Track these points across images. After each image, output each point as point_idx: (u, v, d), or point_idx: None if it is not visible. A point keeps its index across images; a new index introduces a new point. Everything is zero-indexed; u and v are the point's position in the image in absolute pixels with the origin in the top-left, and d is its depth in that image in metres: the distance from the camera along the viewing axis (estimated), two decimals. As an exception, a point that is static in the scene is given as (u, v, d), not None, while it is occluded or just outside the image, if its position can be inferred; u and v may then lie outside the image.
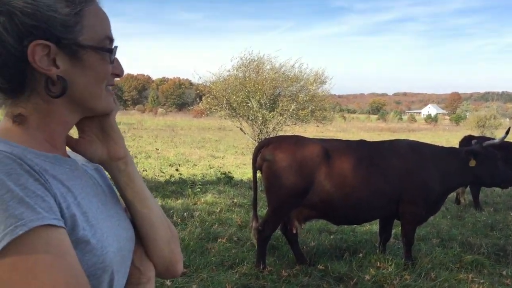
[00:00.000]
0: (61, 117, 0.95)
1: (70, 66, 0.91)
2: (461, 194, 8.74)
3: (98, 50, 0.94)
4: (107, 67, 0.96)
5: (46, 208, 0.77)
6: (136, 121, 41.23)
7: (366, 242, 5.88)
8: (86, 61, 0.92)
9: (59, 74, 0.89)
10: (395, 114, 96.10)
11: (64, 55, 0.90)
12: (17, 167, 0.78)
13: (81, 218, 0.86)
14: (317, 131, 25.08)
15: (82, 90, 0.94)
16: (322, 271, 4.81)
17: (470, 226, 7.03)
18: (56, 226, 0.77)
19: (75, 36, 0.90)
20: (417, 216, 5.05)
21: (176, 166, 11.88)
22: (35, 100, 0.91)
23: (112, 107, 1.02)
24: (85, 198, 0.92)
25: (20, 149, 0.86)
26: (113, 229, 0.96)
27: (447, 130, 49.76)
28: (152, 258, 1.09)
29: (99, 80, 0.96)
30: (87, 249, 0.84)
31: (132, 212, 1.07)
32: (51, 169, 0.88)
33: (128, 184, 1.06)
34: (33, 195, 0.76)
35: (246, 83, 16.53)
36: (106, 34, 0.97)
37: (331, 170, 4.75)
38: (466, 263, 5.17)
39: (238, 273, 4.64)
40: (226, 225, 6.47)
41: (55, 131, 0.95)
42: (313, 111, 17.23)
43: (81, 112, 0.98)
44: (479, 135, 17.36)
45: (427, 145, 5.44)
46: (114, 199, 1.08)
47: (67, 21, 0.89)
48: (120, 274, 0.97)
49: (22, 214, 0.73)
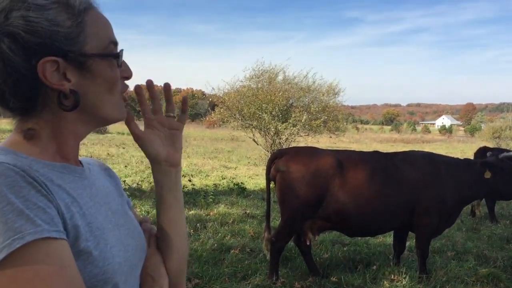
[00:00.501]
0: (73, 130, 0.95)
1: (81, 77, 0.91)
2: (476, 206, 8.62)
3: (104, 57, 0.94)
4: (116, 72, 0.96)
5: (47, 220, 0.77)
6: (150, 131, 41.40)
7: (380, 254, 5.82)
8: (95, 70, 0.92)
9: (71, 87, 0.90)
10: (408, 125, 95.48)
11: (73, 68, 0.90)
12: (19, 179, 0.78)
13: (85, 229, 0.86)
14: (330, 142, 25.01)
15: (94, 100, 0.94)
16: (335, 283, 4.77)
17: (485, 239, 6.93)
18: (56, 239, 0.77)
19: (80, 46, 0.90)
20: (432, 228, 5.00)
21: (189, 177, 11.91)
22: (46, 115, 0.92)
23: (124, 114, 1.02)
24: (92, 207, 0.92)
25: (28, 160, 0.86)
26: (121, 239, 0.97)
27: (461, 141, 49.23)
28: (167, 266, 1.10)
29: (111, 87, 0.95)
30: (89, 260, 0.84)
31: (165, 217, 1.11)
32: (57, 178, 0.88)
33: (172, 190, 1.10)
34: (34, 207, 0.76)
35: (259, 94, 16.59)
36: (110, 39, 0.96)
37: (345, 182, 4.74)
38: (482, 277, 5.09)
39: (251, 284, 4.63)
40: (239, 236, 6.46)
41: (66, 143, 0.95)
42: (325, 121, 17.22)
43: (94, 122, 0.98)
44: (495, 146, 17.17)
45: (442, 157, 5.39)
46: (124, 207, 1.08)
47: (70, 33, 0.89)
48: (129, 284, 0.97)
49: (21, 227, 0.73)
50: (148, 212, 7.67)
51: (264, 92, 16.64)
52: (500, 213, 8.98)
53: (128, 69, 1.01)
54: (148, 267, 1.07)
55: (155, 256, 1.10)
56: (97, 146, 21.68)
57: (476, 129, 63.84)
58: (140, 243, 1.05)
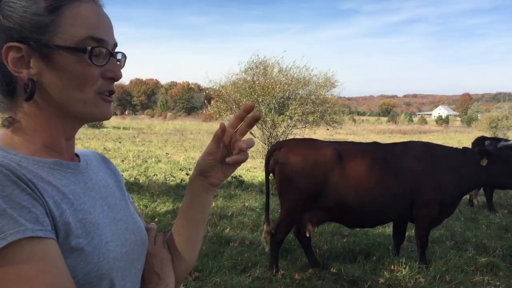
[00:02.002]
0: (52, 122, 0.92)
1: (46, 69, 0.88)
2: (474, 196, 8.65)
3: (71, 51, 0.88)
4: (86, 69, 0.89)
5: (31, 219, 0.75)
6: (146, 125, 41.41)
7: (379, 245, 5.83)
8: (59, 63, 0.88)
9: (32, 76, 0.87)
10: (405, 116, 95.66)
11: (38, 57, 0.87)
12: (3, 178, 0.76)
13: (76, 225, 0.84)
14: (327, 134, 25.01)
15: (59, 94, 0.89)
16: (335, 275, 4.78)
17: (484, 228, 6.95)
18: (41, 238, 0.76)
19: (48, 36, 0.87)
20: (431, 218, 5.00)
21: (187, 171, 11.90)
22: (22, 104, 0.90)
23: (107, 114, 0.95)
24: (86, 202, 0.90)
25: (18, 157, 0.85)
26: (118, 234, 0.95)
27: (458, 131, 49.32)
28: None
29: (80, 83, 0.89)
30: (82, 257, 0.83)
31: (186, 232, 1.10)
32: (48, 175, 0.86)
33: (205, 207, 1.10)
34: (17, 207, 0.75)
35: (255, 86, 16.55)
36: (89, 34, 0.89)
37: (344, 173, 4.73)
38: (481, 266, 5.10)
39: (251, 276, 4.63)
40: (238, 229, 6.46)
41: (53, 136, 0.93)
42: (323, 114, 17.21)
43: (69, 118, 0.93)
44: (492, 136, 17.22)
45: (440, 147, 5.39)
46: (123, 201, 1.06)
47: (40, 21, 0.86)
48: (128, 278, 0.96)
49: (3, 227, 0.72)
50: (146, 206, 7.66)
51: (260, 84, 16.61)
52: (498, 202, 9.01)
53: (114, 70, 0.94)
54: (155, 265, 1.06)
55: (163, 254, 1.09)
56: (93, 140, 21.63)
57: (473, 119, 64.01)
58: (141, 238, 1.04)
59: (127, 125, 38.96)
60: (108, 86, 0.94)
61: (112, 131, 30.10)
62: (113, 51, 0.95)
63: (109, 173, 1.10)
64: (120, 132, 30.52)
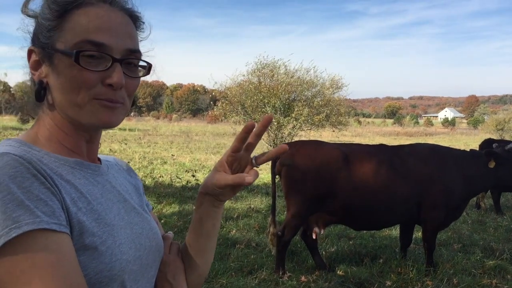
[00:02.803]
0: (65, 124, 0.94)
1: (50, 71, 0.91)
2: (481, 199, 8.59)
3: (65, 54, 0.88)
4: (80, 74, 0.88)
5: (47, 212, 0.77)
6: (151, 127, 41.49)
7: (386, 247, 5.81)
8: (58, 66, 0.90)
9: (42, 78, 0.92)
10: (411, 118, 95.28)
11: (47, 61, 0.91)
12: (23, 170, 0.78)
13: (91, 224, 0.85)
14: (333, 136, 24.96)
15: (59, 96, 0.91)
16: (342, 277, 4.76)
17: (491, 231, 6.91)
18: (56, 231, 0.76)
19: (53, 40, 0.90)
20: (439, 221, 4.96)
21: (192, 172, 11.90)
22: (43, 105, 0.96)
23: (106, 121, 0.91)
24: (103, 203, 0.91)
25: (40, 153, 0.87)
26: (133, 237, 0.95)
27: (465, 134, 49.09)
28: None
29: (73, 87, 0.88)
30: (94, 255, 0.83)
31: (197, 241, 1.11)
32: (67, 174, 0.88)
33: (216, 220, 1.10)
34: (35, 199, 0.76)
35: (261, 88, 16.57)
36: (86, 38, 0.88)
37: (351, 175, 4.71)
38: (489, 269, 5.07)
39: (258, 278, 4.62)
40: (244, 231, 6.46)
41: (69, 137, 0.95)
42: (328, 115, 17.19)
43: (71, 121, 0.93)
44: (498, 138, 17.12)
45: (448, 149, 5.35)
46: (141, 207, 1.08)
47: (49, 26, 0.90)
48: (140, 283, 0.96)
49: (19, 217, 0.73)
50: (152, 208, 7.64)
51: (266, 86, 16.63)
52: (505, 205, 8.96)
53: (112, 76, 0.89)
54: (168, 273, 1.07)
55: (176, 263, 1.09)
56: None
57: (479, 121, 63.74)
58: (156, 244, 1.04)
59: (132, 127, 39.04)
60: (107, 93, 0.90)
61: (118, 133, 30.19)
62: (123, 57, 0.91)
63: (129, 179, 1.13)
64: (126, 133, 30.60)
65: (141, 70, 0.98)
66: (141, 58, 0.97)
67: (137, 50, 0.96)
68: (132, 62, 0.95)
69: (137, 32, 0.99)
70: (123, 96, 0.93)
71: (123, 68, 0.91)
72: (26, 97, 1.00)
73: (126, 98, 0.95)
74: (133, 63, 0.96)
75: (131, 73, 0.95)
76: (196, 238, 1.10)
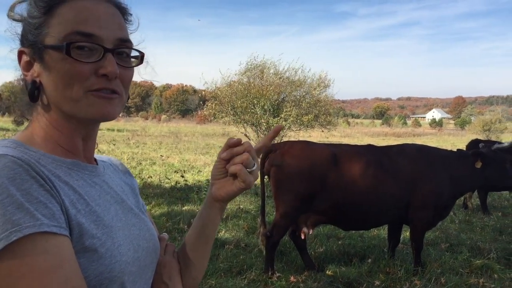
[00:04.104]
0: (61, 123, 0.93)
1: (42, 69, 0.90)
2: (469, 199, 8.68)
3: (55, 49, 0.87)
4: (72, 67, 0.87)
5: (47, 214, 0.76)
6: (140, 127, 41.27)
7: (375, 247, 5.83)
8: (49, 62, 0.89)
9: (34, 78, 0.91)
10: (399, 118, 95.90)
11: (37, 59, 0.90)
12: (22, 172, 0.77)
13: (90, 226, 0.84)
14: (322, 136, 25.04)
15: (53, 93, 0.90)
16: (331, 277, 4.77)
17: (478, 231, 6.98)
18: (56, 234, 0.76)
19: (41, 38, 0.89)
20: (427, 221, 5.00)
21: (182, 173, 11.86)
22: (36, 105, 0.94)
23: (104, 113, 0.91)
24: (100, 205, 0.91)
25: (37, 154, 0.86)
26: (131, 239, 0.95)
27: (452, 134, 49.52)
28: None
29: (67, 82, 0.87)
30: (94, 258, 0.83)
31: (197, 244, 1.12)
32: (65, 175, 0.87)
33: (216, 225, 1.11)
34: (35, 201, 0.75)
35: (251, 89, 16.57)
36: (75, 29, 0.87)
37: (339, 175, 4.73)
38: (476, 268, 5.12)
39: (247, 279, 4.62)
40: (233, 231, 6.45)
41: (65, 136, 0.94)
42: (317, 116, 17.25)
43: (68, 118, 0.92)
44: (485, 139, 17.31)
45: (436, 149, 5.40)
46: (138, 208, 1.07)
47: (35, 23, 0.89)
48: (138, 284, 0.96)
49: (20, 220, 0.72)
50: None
51: (256, 86, 16.63)
52: (492, 205, 9.05)
53: (106, 65, 0.88)
54: (164, 275, 1.07)
55: (172, 264, 1.10)
56: (87, 143, 21.47)
57: (466, 122, 64.39)
58: (153, 246, 1.04)
59: (121, 127, 38.79)
60: (102, 83, 0.89)
61: (106, 133, 29.97)
62: (114, 47, 0.91)
63: (124, 179, 1.12)
64: (114, 134, 30.39)
65: (134, 60, 0.98)
66: (133, 47, 0.96)
67: (128, 40, 0.95)
68: (124, 52, 0.94)
69: (125, 24, 0.98)
70: (118, 86, 0.92)
71: (115, 58, 0.90)
72: (19, 99, 0.98)
73: (122, 90, 0.94)
74: (125, 53, 0.95)
75: (124, 63, 0.94)
76: (197, 242, 1.11)
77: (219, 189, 1.05)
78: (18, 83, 0.97)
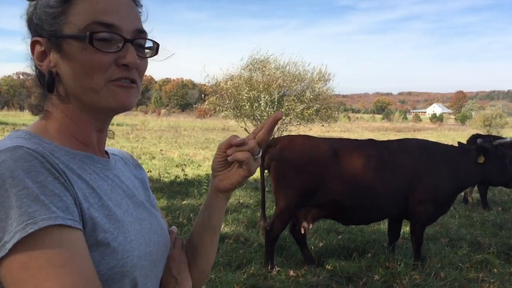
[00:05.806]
0: (77, 114, 0.93)
1: (60, 60, 0.89)
2: (469, 194, 8.68)
3: (76, 39, 0.87)
4: (93, 57, 0.87)
5: (62, 207, 0.76)
6: (140, 122, 41.18)
7: (375, 242, 5.83)
8: (68, 52, 0.88)
9: (51, 69, 0.90)
10: (400, 113, 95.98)
11: (55, 49, 0.89)
12: (37, 164, 0.77)
13: (103, 220, 0.84)
14: (322, 131, 25.01)
15: (72, 84, 0.89)
16: (330, 271, 4.77)
17: (478, 226, 6.98)
18: (71, 227, 0.76)
19: (59, 27, 0.88)
20: (427, 215, 5.00)
21: (182, 167, 11.85)
22: (55, 98, 0.93)
23: (124, 102, 0.90)
24: (112, 199, 0.91)
25: (51, 146, 0.85)
26: (143, 233, 0.94)
27: (452, 129, 49.48)
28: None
29: (87, 72, 0.87)
30: (107, 252, 0.82)
31: (206, 239, 1.11)
32: (78, 168, 0.87)
33: (222, 214, 1.10)
34: (50, 194, 0.75)
35: (253, 83, 16.52)
36: (95, 19, 0.87)
37: (339, 170, 4.71)
38: (476, 263, 5.12)
39: (246, 273, 4.61)
40: (233, 226, 6.44)
41: (80, 127, 0.93)
42: (318, 110, 17.20)
43: (87, 108, 0.92)
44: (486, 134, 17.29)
45: (436, 144, 5.38)
46: (148, 202, 1.07)
47: (54, 13, 0.88)
48: (150, 278, 0.95)
49: (35, 212, 0.72)
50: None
51: (258, 81, 16.58)
52: (492, 199, 9.05)
53: (126, 56, 0.89)
54: (172, 268, 1.06)
55: (181, 258, 1.09)
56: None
57: (467, 117, 64.30)
58: (163, 240, 1.04)
59: (120, 122, 38.71)
60: (122, 73, 0.89)
61: (106, 127, 29.91)
62: (133, 38, 0.91)
63: (135, 173, 1.12)
64: (114, 128, 30.17)
65: (148, 52, 0.97)
66: (148, 38, 0.97)
67: (144, 30, 0.96)
68: (140, 43, 0.94)
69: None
70: (136, 76, 0.93)
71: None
72: (32, 91, 0.96)
73: (139, 80, 0.94)
74: (141, 44, 0.95)
75: (141, 53, 0.94)
76: (203, 233, 1.11)
77: (222, 180, 1.05)
78: (17, 77, 0.97)
